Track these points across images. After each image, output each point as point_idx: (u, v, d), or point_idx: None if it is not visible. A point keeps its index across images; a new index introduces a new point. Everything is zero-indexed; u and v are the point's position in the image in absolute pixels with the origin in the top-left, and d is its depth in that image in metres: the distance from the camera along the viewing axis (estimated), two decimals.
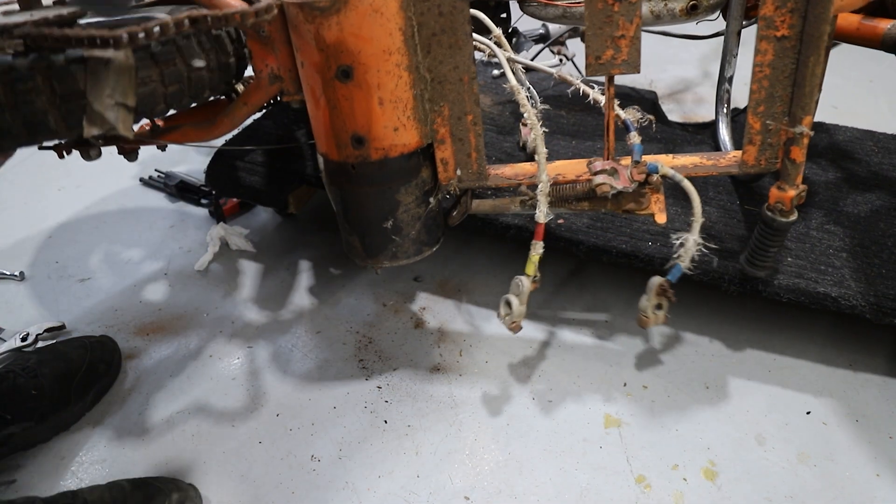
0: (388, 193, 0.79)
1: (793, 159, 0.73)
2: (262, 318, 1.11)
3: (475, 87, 0.75)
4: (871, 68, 1.84)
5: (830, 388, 0.92)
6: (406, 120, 0.75)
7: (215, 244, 1.26)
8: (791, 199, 0.76)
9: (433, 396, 0.95)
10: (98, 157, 0.83)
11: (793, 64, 0.70)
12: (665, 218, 0.80)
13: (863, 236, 0.96)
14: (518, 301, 0.83)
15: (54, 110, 0.67)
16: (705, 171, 0.79)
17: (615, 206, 0.80)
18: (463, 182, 0.81)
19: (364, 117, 0.74)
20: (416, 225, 0.82)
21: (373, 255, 0.84)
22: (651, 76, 1.81)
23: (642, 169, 0.77)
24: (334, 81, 0.72)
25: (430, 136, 0.78)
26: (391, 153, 0.77)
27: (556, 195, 0.81)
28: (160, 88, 0.72)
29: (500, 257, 1.19)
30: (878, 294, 0.87)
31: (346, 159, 0.77)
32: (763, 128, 0.74)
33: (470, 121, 0.77)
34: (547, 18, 1.12)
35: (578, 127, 1.27)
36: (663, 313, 0.85)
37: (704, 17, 1.08)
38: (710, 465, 0.84)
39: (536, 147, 0.77)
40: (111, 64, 0.67)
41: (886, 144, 1.18)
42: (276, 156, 1.20)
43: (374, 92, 0.73)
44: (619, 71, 0.72)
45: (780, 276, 0.91)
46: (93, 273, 1.25)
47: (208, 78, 0.77)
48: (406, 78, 0.73)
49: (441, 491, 0.83)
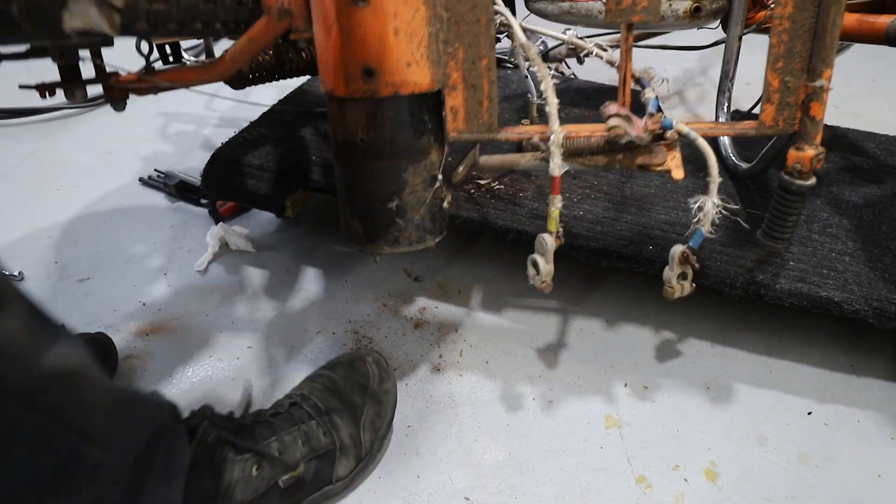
0: (396, 171, 0.76)
1: (812, 116, 0.71)
2: (262, 319, 1.11)
3: (492, 30, 0.72)
4: (872, 67, 1.84)
5: (832, 388, 0.92)
6: (420, 57, 0.72)
7: (215, 244, 1.26)
8: (811, 160, 0.73)
9: (433, 396, 0.95)
10: (83, 98, 0.78)
11: (812, 18, 0.68)
12: (682, 174, 0.76)
13: (866, 240, 0.96)
14: (544, 260, 0.80)
15: None
16: (721, 132, 0.79)
17: (629, 160, 0.77)
18: (472, 133, 0.77)
19: (377, 46, 0.70)
20: (421, 209, 0.79)
21: (373, 238, 0.81)
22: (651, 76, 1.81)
23: (657, 119, 0.74)
24: (350, 7, 0.69)
25: (441, 81, 0.75)
26: (402, 90, 0.73)
27: (569, 148, 0.78)
28: (143, 3, 0.66)
29: (501, 258, 1.19)
30: (882, 298, 0.87)
31: (354, 94, 0.73)
32: (782, 85, 0.72)
33: (485, 65, 0.74)
34: (553, 16, 1.12)
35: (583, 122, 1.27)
36: (689, 283, 0.81)
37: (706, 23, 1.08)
38: (711, 465, 0.84)
39: (547, 98, 0.74)
40: None
41: (889, 146, 1.17)
42: (273, 158, 1.20)
43: (390, 20, 0.69)
44: (639, 18, 0.70)
45: (781, 280, 0.90)
46: (92, 273, 1.25)
47: (202, 7, 0.72)
48: (423, 11, 0.70)
49: (441, 491, 0.83)
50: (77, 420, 0.58)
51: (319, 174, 1.14)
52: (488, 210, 1.05)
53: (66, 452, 0.57)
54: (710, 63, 1.87)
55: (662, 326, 1.03)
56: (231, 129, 1.41)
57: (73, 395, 0.58)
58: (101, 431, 0.61)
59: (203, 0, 0.72)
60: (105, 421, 0.62)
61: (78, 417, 0.58)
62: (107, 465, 0.61)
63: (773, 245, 0.81)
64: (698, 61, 1.88)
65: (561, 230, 0.80)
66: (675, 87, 1.76)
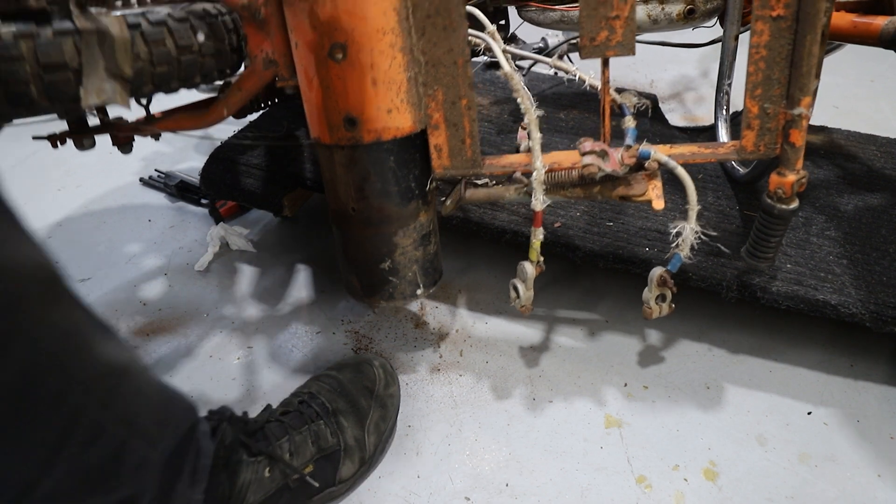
0: (386, 236, 0.81)
1: (792, 143, 0.72)
2: (262, 318, 1.11)
3: (469, 71, 0.74)
4: (872, 68, 1.84)
5: (831, 388, 0.92)
6: (400, 102, 0.74)
7: (215, 244, 1.26)
8: (791, 185, 0.73)
9: (433, 396, 0.95)
10: (91, 146, 0.82)
11: (789, 45, 0.68)
12: (663, 204, 0.77)
13: (864, 243, 0.95)
14: (524, 286, 0.83)
15: (37, 81, 0.65)
16: (703, 157, 0.78)
17: (608, 191, 0.78)
18: (457, 169, 0.79)
19: (357, 97, 0.73)
20: (413, 267, 0.84)
21: (370, 293, 0.86)
22: (651, 76, 1.81)
23: (633, 153, 0.75)
24: (328, 61, 0.71)
25: (423, 121, 0.77)
26: (384, 136, 0.76)
27: (551, 182, 0.80)
28: (149, 68, 0.71)
29: (500, 259, 1.19)
30: (879, 302, 0.86)
31: (339, 142, 0.76)
32: (761, 111, 0.72)
33: (464, 105, 0.75)
34: (545, 24, 1.12)
35: (577, 130, 1.27)
36: (667, 304, 0.84)
37: (701, 23, 1.08)
38: (711, 465, 0.84)
39: (531, 132, 0.75)
40: (107, 36, 0.67)
41: (889, 149, 1.17)
42: (272, 158, 1.20)
43: (368, 72, 0.72)
44: (613, 53, 0.71)
45: (778, 282, 0.90)
46: (92, 273, 1.25)
47: (199, 63, 0.76)
48: (400, 59, 0.73)
49: (441, 491, 0.83)
50: (128, 413, 0.59)
51: (316, 174, 1.14)
52: (484, 211, 1.05)
53: (116, 445, 0.57)
54: (709, 63, 1.87)
55: (662, 327, 1.03)
56: (230, 129, 1.41)
57: (124, 388, 0.59)
58: (146, 426, 0.61)
59: (199, 55, 0.76)
60: (150, 416, 0.62)
61: (128, 411, 0.59)
62: (149, 460, 0.61)
63: (756, 264, 0.83)
64: (699, 62, 1.88)
65: (542, 260, 0.83)
66: (674, 89, 1.76)
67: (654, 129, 1.25)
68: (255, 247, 1.27)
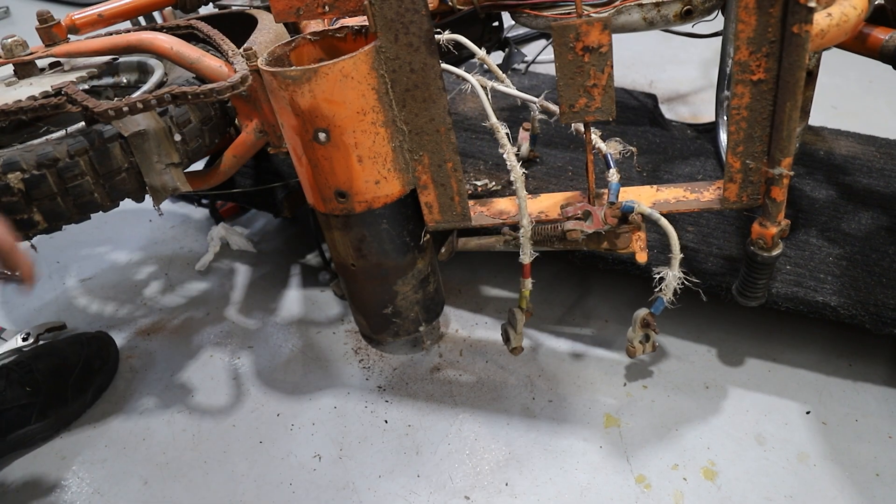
0: (386, 286, 0.86)
1: (773, 198, 0.73)
2: (262, 318, 1.12)
3: (452, 137, 0.76)
4: (871, 69, 1.84)
5: (830, 388, 0.92)
6: (387, 172, 0.77)
7: (216, 244, 1.26)
8: (773, 237, 0.75)
9: (433, 396, 0.96)
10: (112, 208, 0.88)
11: (770, 106, 0.69)
12: (646, 257, 0.80)
13: (863, 244, 0.95)
14: (515, 331, 0.88)
15: (99, 188, 0.76)
16: (686, 206, 0.79)
17: (595, 246, 0.81)
18: (448, 223, 0.83)
19: (345, 174, 0.76)
20: (415, 308, 0.89)
21: (377, 332, 0.92)
22: (651, 76, 1.81)
23: (616, 212, 0.77)
24: (313, 143, 0.74)
25: (412, 183, 0.80)
26: (374, 205, 0.78)
27: (538, 235, 0.82)
28: (182, 147, 0.81)
29: (499, 260, 1.19)
30: (879, 304, 0.87)
31: (333, 211, 0.80)
32: (743, 167, 0.73)
33: (450, 168, 0.78)
34: (538, 28, 1.12)
35: (574, 138, 1.27)
36: (651, 343, 0.89)
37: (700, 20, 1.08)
38: (710, 464, 0.84)
39: (517, 191, 0.77)
40: (148, 133, 0.76)
41: (888, 150, 1.17)
42: (271, 159, 1.20)
43: (352, 151, 0.74)
44: (593, 118, 0.72)
45: (777, 283, 0.90)
46: (93, 273, 1.26)
47: (220, 126, 0.89)
48: (383, 133, 0.75)
49: (441, 491, 0.83)
50: None
51: None
52: None
53: None
54: (709, 63, 1.88)
55: (661, 327, 1.03)
56: None
57: None
58: None
59: (217, 119, 0.88)
60: None
61: None
62: None
63: (746, 303, 0.84)
64: (699, 62, 1.88)
65: (531, 306, 0.87)
66: (675, 88, 1.77)
67: (653, 131, 1.25)
68: (256, 247, 1.27)
